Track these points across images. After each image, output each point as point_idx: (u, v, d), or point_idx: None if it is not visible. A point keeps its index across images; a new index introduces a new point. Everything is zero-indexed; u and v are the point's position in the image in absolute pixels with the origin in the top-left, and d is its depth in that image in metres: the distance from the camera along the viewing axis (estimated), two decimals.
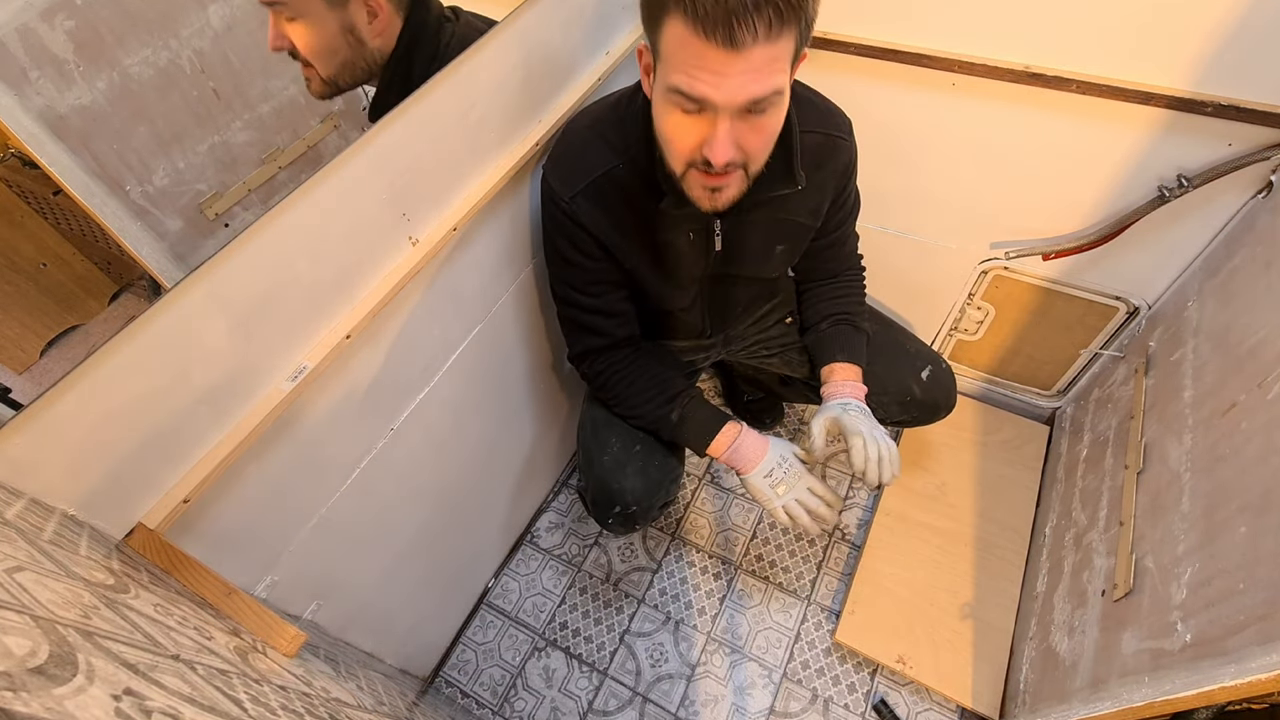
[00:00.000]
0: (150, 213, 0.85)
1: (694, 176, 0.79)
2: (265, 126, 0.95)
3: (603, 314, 0.99)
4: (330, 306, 0.78)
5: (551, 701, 1.31)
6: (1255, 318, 0.86)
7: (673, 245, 0.94)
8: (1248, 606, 0.67)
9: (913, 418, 1.21)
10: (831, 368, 1.08)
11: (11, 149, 0.79)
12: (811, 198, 0.95)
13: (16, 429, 0.53)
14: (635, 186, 0.88)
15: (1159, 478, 0.94)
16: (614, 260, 0.94)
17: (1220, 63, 0.89)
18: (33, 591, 0.38)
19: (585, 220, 0.90)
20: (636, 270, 0.96)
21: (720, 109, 0.70)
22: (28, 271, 0.95)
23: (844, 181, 0.97)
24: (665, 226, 0.91)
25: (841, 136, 0.93)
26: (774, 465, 1.00)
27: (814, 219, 0.98)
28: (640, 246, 0.93)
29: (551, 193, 0.91)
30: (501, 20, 0.87)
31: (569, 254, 0.94)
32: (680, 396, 1.03)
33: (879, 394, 1.17)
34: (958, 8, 1.00)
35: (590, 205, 0.89)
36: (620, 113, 0.89)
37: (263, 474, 0.77)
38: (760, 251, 0.99)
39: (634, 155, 0.87)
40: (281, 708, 0.52)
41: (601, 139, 0.89)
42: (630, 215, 0.90)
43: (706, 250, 0.96)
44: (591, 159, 0.88)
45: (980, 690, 1.20)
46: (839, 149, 0.94)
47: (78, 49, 0.75)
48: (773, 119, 0.74)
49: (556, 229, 0.93)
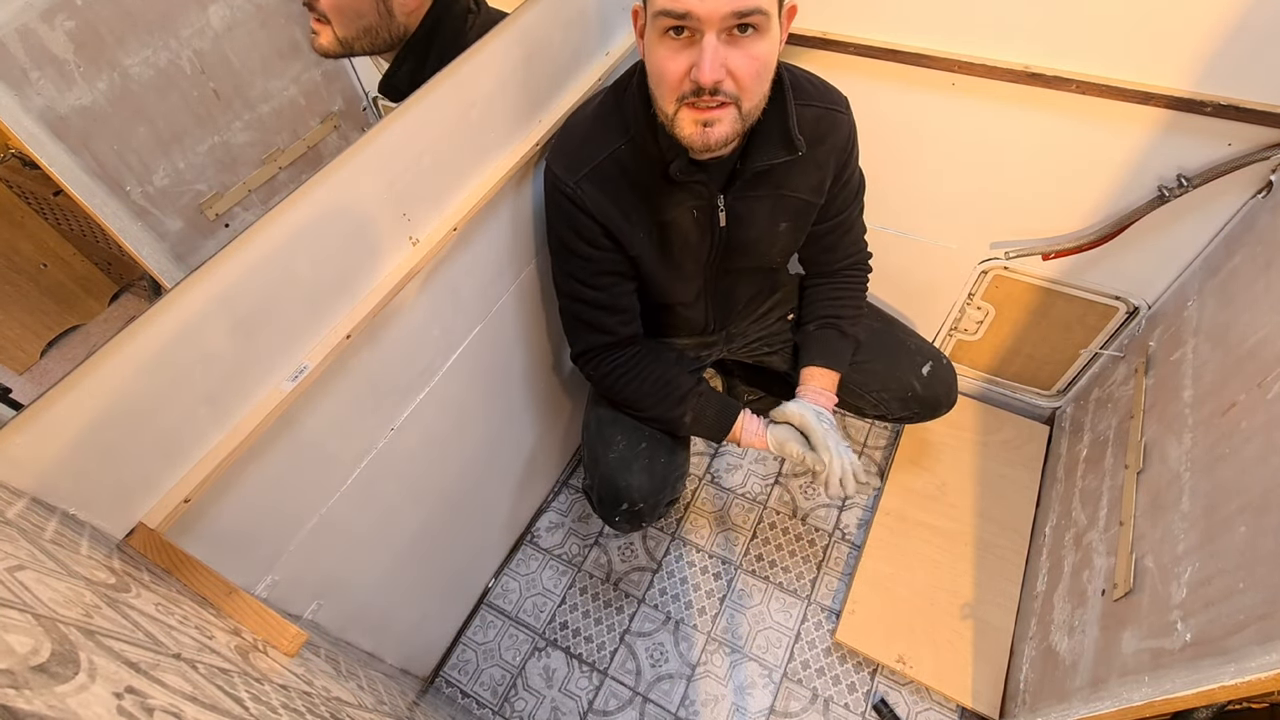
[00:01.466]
0: (150, 213, 0.85)
1: (685, 113, 0.78)
2: (265, 127, 0.95)
3: (606, 309, 0.99)
4: (330, 306, 0.78)
5: (551, 701, 1.32)
6: (1255, 317, 0.86)
7: (677, 226, 0.94)
8: (1248, 606, 0.67)
9: (914, 414, 1.21)
10: (809, 371, 1.10)
11: (12, 149, 0.79)
12: (813, 174, 0.95)
13: (17, 429, 0.53)
14: (639, 164, 0.89)
15: (1159, 477, 0.94)
16: (619, 249, 0.94)
17: (1220, 63, 0.89)
18: (34, 590, 0.38)
19: (590, 205, 0.90)
20: (642, 258, 0.96)
21: (705, 24, 0.71)
22: (28, 271, 0.95)
23: (845, 157, 0.97)
24: (670, 205, 0.91)
25: (839, 110, 0.94)
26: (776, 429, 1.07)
27: (817, 195, 0.98)
28: (645, 230, 0.93)
29: (555, 180, 0.91)
30: (502, 20, 0.87)
31: (574, 244, 0.94)
32: (689, 396, 1.04)
33: (879, 390, 1.18)
34: (958, 8, 1.00)
35: (595, 189, 0.89)
36: (619, 95, 0.90)
37: (263, 474, 0.77)
38: (765, 229, 0.98)
39: (635, 134, 0.87)
40: (283, 706, 0.52)
41: (602, 124, 0.90)
42: (635, 196, 0.91)
43: (711, 229, 0.96)
44: (594, 144, 0.89)
45: (980, 690, 1.20)
46: (839, 123, 0.94)
47: (78, 49, 0.75)
48: (761, 45, 0.74)
49: (561, 218, 0.93)
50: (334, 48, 0.86)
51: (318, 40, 0.86)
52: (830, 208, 1.02)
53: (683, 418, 1.04)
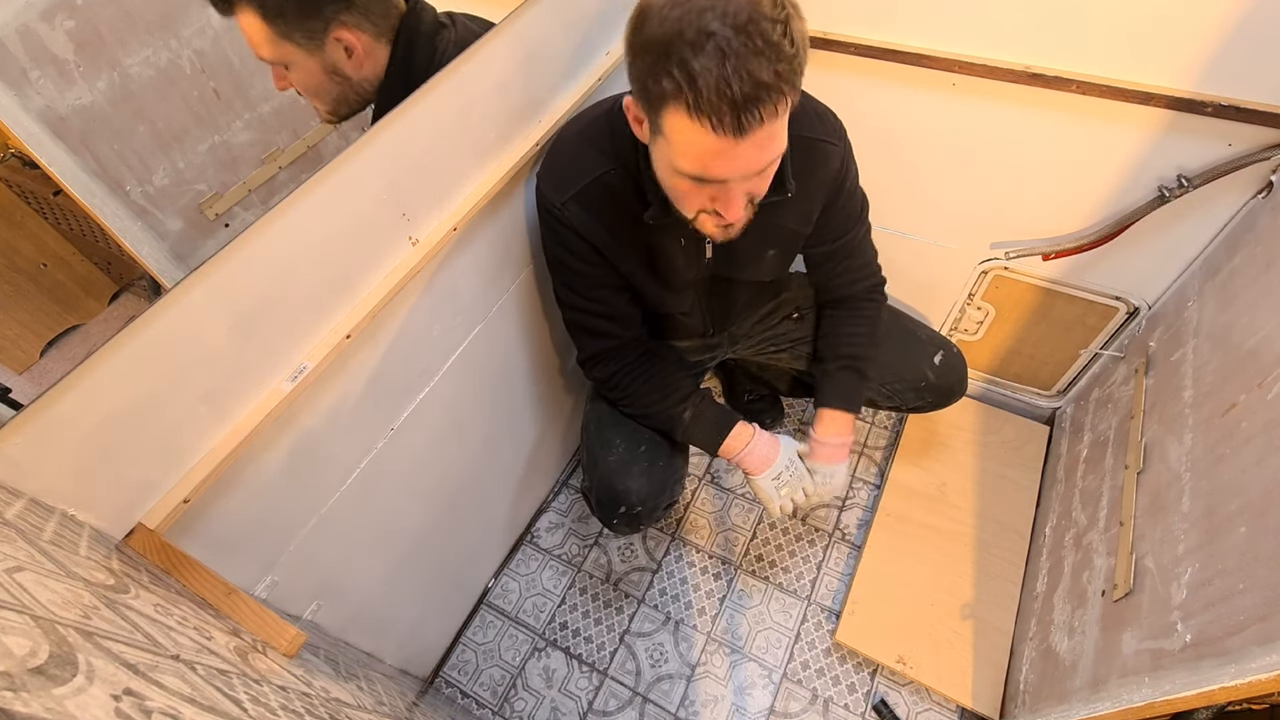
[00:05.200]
0: (150, 213, 0.85)
1: (707, 219, 0.80)
2: (265, 126, 0.95)
3: (607, 317, 1.00)
4: (330, 306, 0.77)
5: (551, 702, 1.31)
6: (1255, 318, 0.86)
7: (665, 251, 0.94)
8: (1248, 606, 0.67)
9: (928, 403, 1.22)
10: (825, 414, 1.10)
11: (12, 149, 0.79)
12: (800, 205, 0.94)
13: (16, 429, 0.53)
14: (626, 192, 0.88)
15: (1159, 478, 0.94)
16: (610, 264, 0.94)
17: (1220, 63, 0.89)
18: (33, 591, 0.38)
19: (578, 225, 0.90)
20: (632, 275, 0.96)
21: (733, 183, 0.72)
22: (28, 271, 0.95)
23: (835, 188, 0.96)
24: (656, 232, 0.91)
25: (830, 142, 0.92)
26: (782, 469, 1.06)
27: (804, 225, 0.98)
28: (633, 251, 0.94)
29: (545, 199, 0.91)
30: (501, 20, 0.87)
31: (566, 260, 0.94)
32: (692, 397, 1.05)
33: (894, 381, 1.19)
34: (958, 8, 1.00)
35: (582, 210, 0.89)
36: (610, 121, 0.88)
37: (263, 474, 0.77)
38: (751, 256, 0.99)
39: (625, 162, 0.87)
40: (281, 708, 0.52)
41: (592, 145, 0.89)
42: (622, 220, 0.90)
43: (699, 256, 0.97)
44: (583, 165, 0.88)
45: (980, 690, 1.20)
46: (828, 156, 0.92)
47: (78, 49, 0.75)
48: (776, 164, 0.75)
49: (552, 236, 0.93)
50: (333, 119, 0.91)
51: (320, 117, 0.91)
52: (825, 232, 1.01)
53: (683, 414, 1.04)
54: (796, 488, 1.06)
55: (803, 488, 1.06)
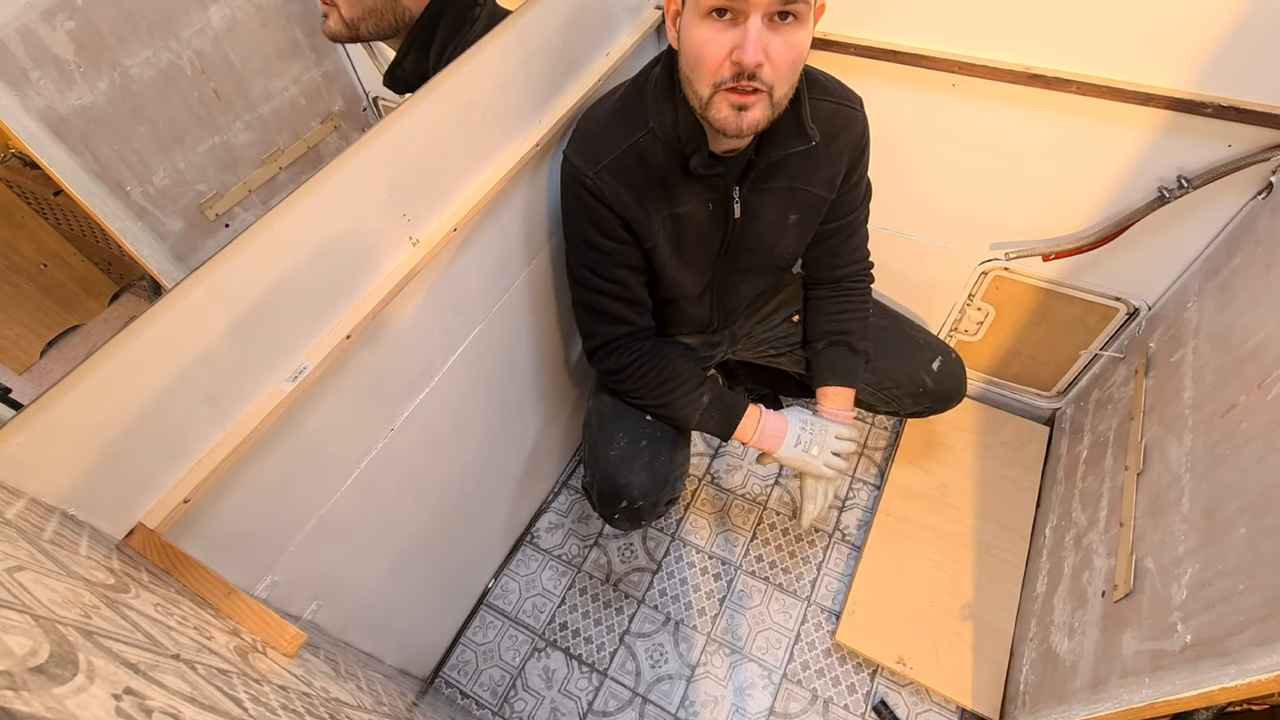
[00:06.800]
0: (151, 213, 0.85)
1: (721, 97, 0.79)
2: (266, 127, 0.95)
3: (623, 300, 1.00)
4: (330, 306, 0.77)
5: (551, 702, 1.31)
6: (1255, 319, 0.86)
7: (692, 218, 0.95)
8: (1248, 607, 0.67)
9: (926, 408, 1.23)
10: (825, 391, 1.13)
11: (12, 149, 0.79)
12: (826, 168, 0.96)
13: (16, 429, 0.53)
14: (660, 155, 0.89)
15: (1159, 479, 0.94)
16: (635, 241, 0.95)
17: (1220, 64, 0.89)
18: (33, 591, 0.38)
19: (609, 196, 0.90)
20: (655, 249, 0.96)
21: (752, 7, 0.72)
22: (28, 271, 0.95)
23: (858, 154, 0.99)
24: (686, 196, 0.92)
25: (854, 108, 0.95)
26: (799, 431, 1.08)
27: (828, 190, 0.99)
28: (660, 221, 0.94)
29: (574, 172, 0.91)
30: (501, 21, 0.87)
31: (591, 236, 0.95)
32: (706, 384, 1.06)
33: (891, 387, 1.19)
34: (958, 8, 1.00)
35: (614, 180, 0.90)
36: (639, 88, 0.91)
37: (263, 474, 0.77)
38: (775, 222, 1.00)
39: (656, 125, 0.88)
40: (281, 707, 0.52)
41: (623, 116, 0.91)
42: (652, 188, 0.92)
43: (725, 221, 0.97)
44: (617, 135, 0.90)
45: (980, 691, 1.20)
46: (853, 119, 0.95)
47: (78, 49, 0.75)
48: (799, 34, 0.75)
49: (580, 210, 0.94)
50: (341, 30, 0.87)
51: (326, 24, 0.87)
52: (840, 207, 1.03)
53: (700, 398, 1.05)
54: (824, 441, 1.07)
55: (835, 435, 1.08)
